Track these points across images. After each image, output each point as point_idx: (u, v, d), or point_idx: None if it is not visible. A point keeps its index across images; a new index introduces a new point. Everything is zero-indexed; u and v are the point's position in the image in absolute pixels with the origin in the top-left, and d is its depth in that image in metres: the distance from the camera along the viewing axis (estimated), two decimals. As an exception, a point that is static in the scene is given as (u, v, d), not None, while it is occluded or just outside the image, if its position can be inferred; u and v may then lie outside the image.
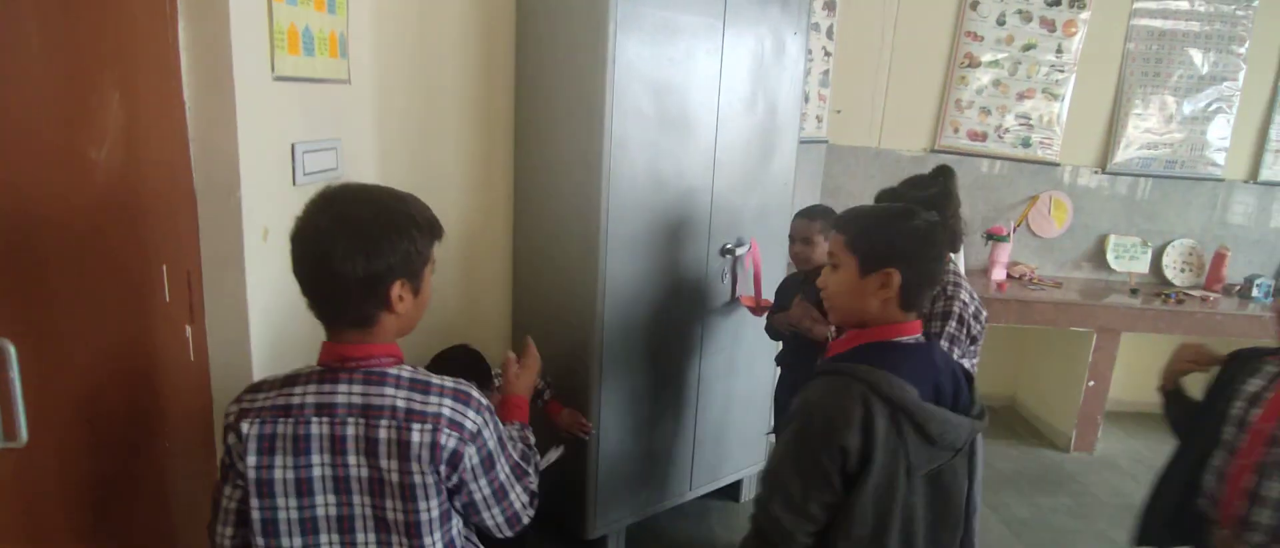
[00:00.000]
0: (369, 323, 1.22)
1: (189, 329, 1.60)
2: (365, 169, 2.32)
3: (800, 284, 2.60)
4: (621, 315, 2.54)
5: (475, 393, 1.27)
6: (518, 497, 1.35)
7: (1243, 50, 3.82)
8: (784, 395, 2.78)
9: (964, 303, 2.03)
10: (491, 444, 1.28)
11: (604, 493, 2.70)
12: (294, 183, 1.86)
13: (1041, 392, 4.08)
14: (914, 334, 1.45)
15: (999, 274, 3.85)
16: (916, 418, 1.33)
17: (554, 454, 2.35)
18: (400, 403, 1.20)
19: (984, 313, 2.09)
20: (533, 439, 1.54)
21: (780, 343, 2.78)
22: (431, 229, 1.27)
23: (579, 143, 2.42)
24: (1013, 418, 4.20)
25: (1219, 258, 3.95)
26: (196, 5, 1.56)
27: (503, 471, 1.31)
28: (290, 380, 1.23)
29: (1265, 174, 3.98)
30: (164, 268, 1.52)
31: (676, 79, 2.49)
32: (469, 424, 1.23)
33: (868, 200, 2.37)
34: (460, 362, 2.23)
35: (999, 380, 4.32)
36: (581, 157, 2.42)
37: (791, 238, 2.59)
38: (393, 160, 2.44)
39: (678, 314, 2.75)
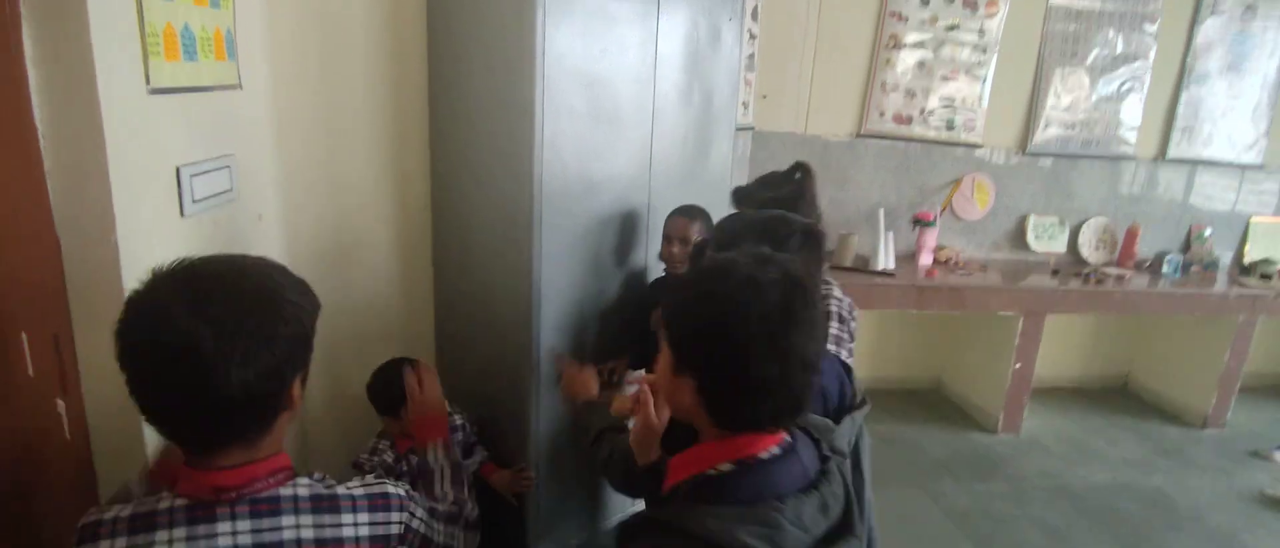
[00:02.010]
0: (263, 433, 0.98)
1: (61, 403, 1.33)
2: (265, 185, 2.04)
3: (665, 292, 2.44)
4: (558, 326, 2.36)
5: (392, 488, 1.10)
6: (455, 537, 1.25)
7: (1153, 29, 3.90)
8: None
9: (838, 299, 1.94)
10: (423, 527, 1.14)
11: (546, 515, 2.53)
12: (182, 214, 1.59)
13: (967, 374, 4.12)
14: (770, 447, 0.98)
15: (926, 259, 3.85)
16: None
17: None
18: (307, 533, 0.98)
19: (856, 309, 1.97)
20: (458, 456, 1.43)
21: None
22: (311, 297, 1.04)
23: (505, 144, 2.20)
24: (940, 401, 4.24)
25: (1131, 235, 4.07)
26: (45, 7, 1.27)
27: (439, 535, 1.19)
28: (145, 523, 0.94)
29: (1172, 152, 4.11)
30: (23, 336, 1.24)
31: (609, 71, 2.29)
32: (395, 528, 1.08)
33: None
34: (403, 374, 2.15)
35: (926, 364, 4.36)
36: (508, 159, 2.20)
37: (667, 237, 2.41)
38: (295, 171, 2.17)
39: (617, 320, 2.59)
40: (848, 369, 1.50)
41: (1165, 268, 3.95)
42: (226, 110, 1.79)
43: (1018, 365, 3.71)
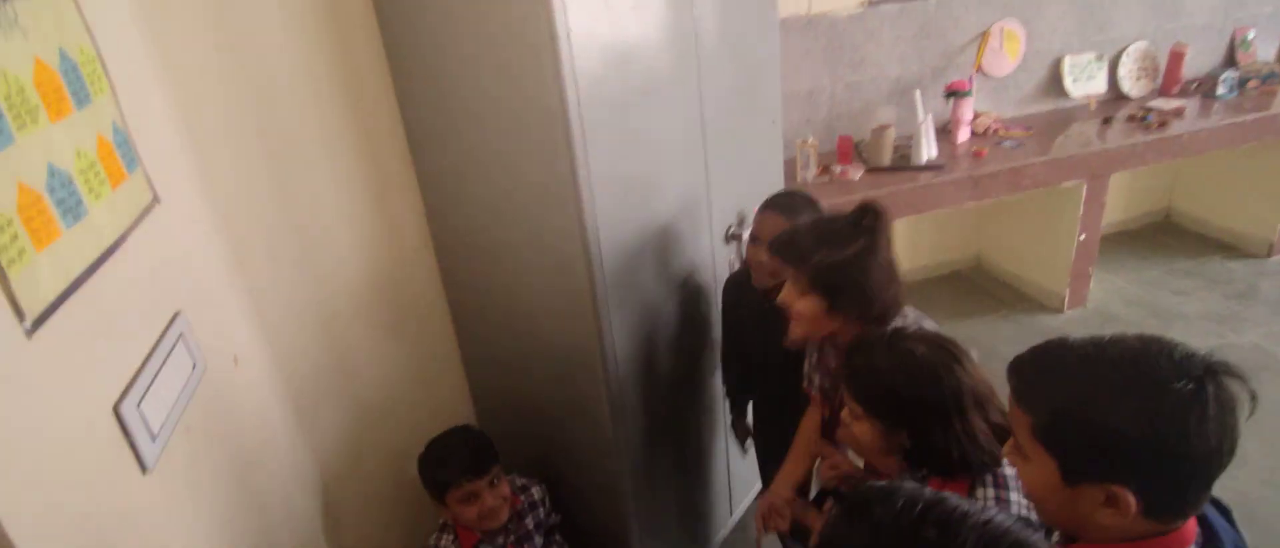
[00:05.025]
0: None
1: None
2: (230, 317, 1.43)
3: (746, 294, 1.92)
4: (632, 363, 1.88)
5: None
6: None
7: None
8: (766, 442, 2.19)
9: None
10: None
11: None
12: (145, 469, 1.01)
13: (1017, 249, 3.74)
14: (1187, 545, 0.89)
15: (965, 135, 3.37)
16: None
17: None
18: None
19: None
20: None
21: None
22: None
23: (530, 165, 1.62)
24: (985, 281, 3.88)
25: (1175, 57, 3.63)
26: None
27: None
28: None
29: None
30: None
31: (642, 32, 1.70)
32: None
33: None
34: (461, 448, 1.78)
35: (963, 242, 3.97)
36: (540, 182, 1.63)
37: (755, 238, 1.82)
38: (258, 272, 1.55)
39: (692, 332, 2.11)
40: (1228, 515, 0.99)
41: (1220, 89, 3.53)
42: (153, 250, 1.18)
43: (1083, 237, 3.35)
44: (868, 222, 1.45)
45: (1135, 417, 0.83)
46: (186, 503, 1.12)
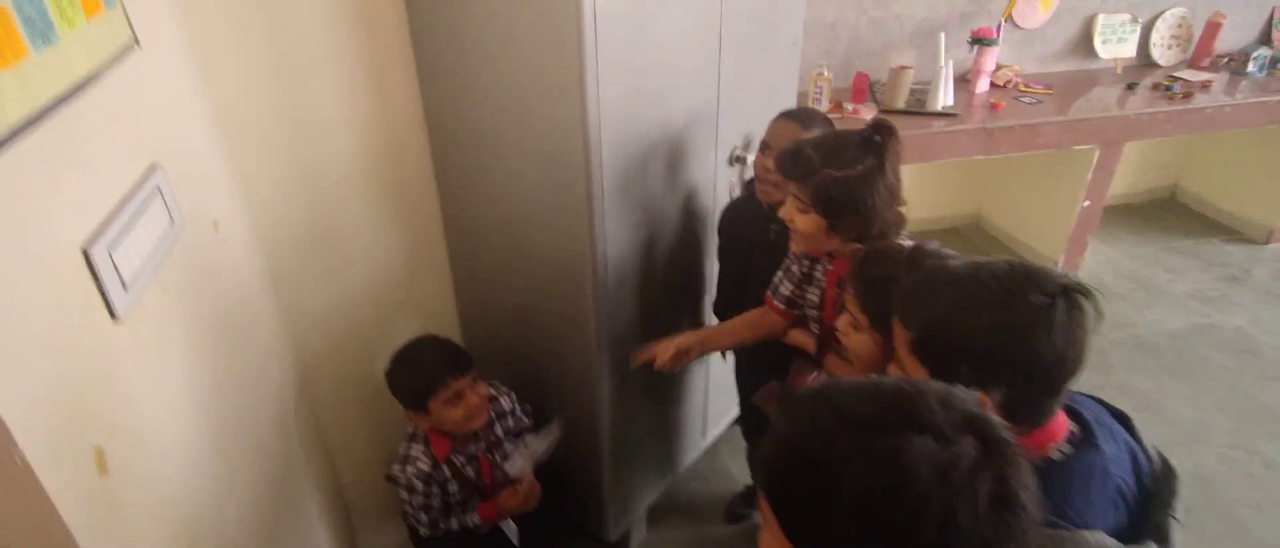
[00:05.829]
0: None
1: None
2: (209, 175, 1.37)
3: (754, 222, 1.87)
4: (622, 273, 1.84)
5: None
6: None
7: None
8: (747, 376, 2.19)
9: None
10: None
11: (621, 486, 2.16)
12: (115, 316, 0.97)
13: (1017, 210, 3.70)
14: (1057, 439, 0.99)
15: (984, 86, 3.28)
16: None
17: (549, 439, 1.90)
18: None
19: None
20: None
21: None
22: None
23: (536, 49, 1.53)
24: (983, 240, 3.85)
25: (1211, 28, 3.51)
26: None
27: None
28: None
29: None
30: None
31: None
32: None
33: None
34: (440, 350, 1.76)
35: (963, 199, 3.93)
36: (544, 69, 1.55)
37: (766, 146, 1.76)
38: (242, 137, 1.49)
39: (684, 253, 2.07)
40: (1125, 421, 1.08)
41: (1250, 67, 3.44)
42: (130, 94, 1.11)
43: (1087, 204, 3.30)
44: (879, 139, 1.41)
45: (995, 327, 0.93)
46: (160, 357, 1.08)
